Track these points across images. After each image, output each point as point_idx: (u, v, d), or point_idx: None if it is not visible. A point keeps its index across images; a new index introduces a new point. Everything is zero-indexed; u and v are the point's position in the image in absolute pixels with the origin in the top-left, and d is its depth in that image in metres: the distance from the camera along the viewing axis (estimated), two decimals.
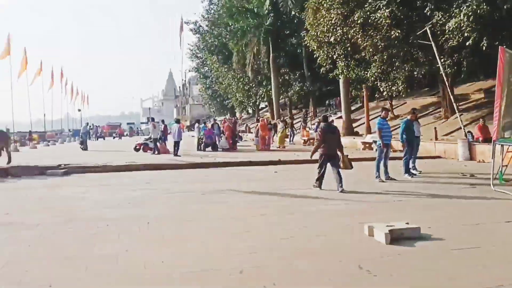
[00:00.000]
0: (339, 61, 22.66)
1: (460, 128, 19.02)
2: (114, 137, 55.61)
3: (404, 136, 11.53)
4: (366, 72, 24.41)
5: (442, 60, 18.16)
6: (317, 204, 8.09)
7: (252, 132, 29.00)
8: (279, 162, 16.45)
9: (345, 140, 24.83)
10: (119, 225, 6.74)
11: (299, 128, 30.01)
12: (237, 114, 57.70)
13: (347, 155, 10.01)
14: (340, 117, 31.90)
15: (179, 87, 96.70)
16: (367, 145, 21.50)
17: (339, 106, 35.32)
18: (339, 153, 9.77)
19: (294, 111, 42.98)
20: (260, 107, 51.75)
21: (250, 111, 57.27)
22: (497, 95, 8.82)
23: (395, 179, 11.00)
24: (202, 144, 22.24)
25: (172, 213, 7.67)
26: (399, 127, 12.40)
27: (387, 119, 11.03)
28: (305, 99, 38.63)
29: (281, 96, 37.10)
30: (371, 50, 19.59)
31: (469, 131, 16.22)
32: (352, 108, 30.11)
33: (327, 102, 38.25)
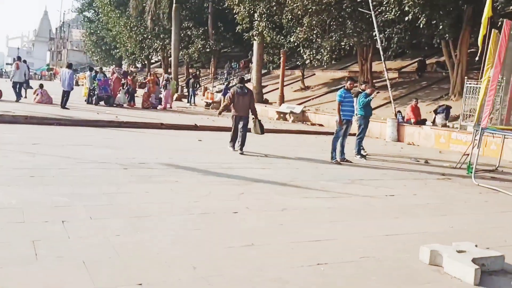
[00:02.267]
0: (260, 21, 20.59)
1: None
2: None
3: (362, 111, 9.99)
4: (284, 38, 22.81)
5: (373, 33, 17.14)
6: (294, 194, 6.11)
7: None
8: (195, 128, 14.06)
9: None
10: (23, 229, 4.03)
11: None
12: (124, 66, 52.55)
13: (260, 120, 10.19)
14: (248, 81, 30.17)
15: (56, 28, 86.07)
16: (282, 115, 20.02)
17: (243, 70, 33.47)
18: (252, 116, 9.94)
19: (190, 70, 39.99)
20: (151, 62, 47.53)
21: (139, 64, 52.65)
22: (494, 77, 7.58)
23: (350, 161, 9.47)
24: (94, 97, 18.65)
25: (110, 201, 5.08)
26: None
27: (351, 90, 9.30)
28: (206, 58, 35.87)
29: (180, 53, 33.84)
30: (299, 12, 17.82)
31: (398, 111, 15.48)
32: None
33: (227, 64, 36.00)
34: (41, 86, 17.16)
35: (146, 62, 45.66)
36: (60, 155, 7.66)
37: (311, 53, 19.42)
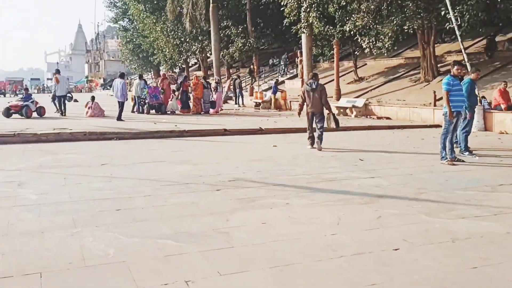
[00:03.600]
0: (310, 11, 19.24)
1: None
2: (16, 94, 48.13)
3: (467, 102, 8.53)
4: (333, 28, 21.38)
5: (441, 13, 15.50)
6: (441, 213, 4.82)
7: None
8: (261, 131, 12.92)
9: None
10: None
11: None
12: (162, 72, 52.19)
13: (334, 114, 10.20)
14: (294, 77, 28.89)
15: (91, 40, 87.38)
16: (342, 110, 18.63)
17: (288, 66, 32.18)
18: (326, 111, 9.70)
19: (230, 70, 39.02)
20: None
21: (177, 70, 52.18)
22: None
23: (463, 161, 8.06)
24: (145, 106, 17.80)
25: (227, 242, 3.96)
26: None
27: (459, 77, 7.88)
28: (247, 57, 34.76)
29: (221, 53, 32.87)
30: None
31: (483, 97, 13.80)
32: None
33: (271, 61, 34.82)
34: (92, 98, 16.42)
35: (184, 66, 45.03)
36: (137, 177, 6.65)
37: (370, 40, 17.89)
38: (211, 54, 39.60)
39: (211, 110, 19.34)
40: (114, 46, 73.20)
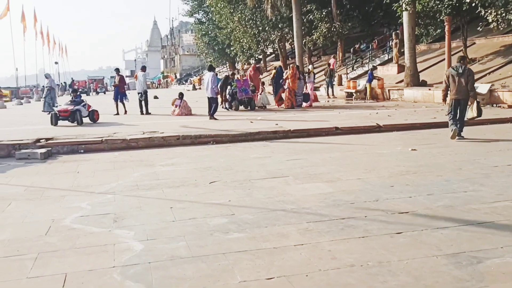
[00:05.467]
0: None
1: None
2: (98, 93, 49.42)
3: None
4: (439, 2, 18.48)
5: None
6: None
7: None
8: (378, 128, 10.76)
9: (416, 93, 19.16)
10: None
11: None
12: (238, 65, 51.05)
13: (479, 102, 9.34)
14: (386, 63, 26.13)
15: (166, 35, 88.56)
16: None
17: (377, 50, 29.38)
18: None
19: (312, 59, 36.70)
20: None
21: (252, 61, 50.69)
22: None
23: None
24: (234, 102, 16.16)
25: None
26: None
27: None
28: (332, 43, 32.24)
29: (304, 40, 30.69)
30: None
31: None
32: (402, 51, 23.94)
33: (355, 46, 32.08)
34: (180, 96, 15.00)
35: (262, 56, 43.40)
36: (265, 205, 4.85)
37: (498, 12, 14.89)
38: (291, 42, 37.69)
39: (304, 104, 17.35)
40: (188, 41, 73.33)
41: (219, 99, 15.07)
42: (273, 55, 47.52)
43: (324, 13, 29.93)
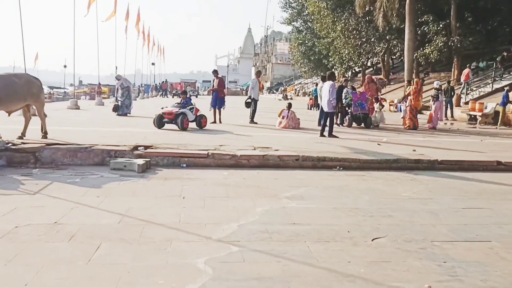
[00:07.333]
0: None
1: None
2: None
3: None
4: None
5: None
6: None
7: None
8: None
9: None
10: None
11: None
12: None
13: None
14: None
15: (259, 43, 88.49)
16: None
17: (502, 70, 25.76)
18: None
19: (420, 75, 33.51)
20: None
21: (349, 73, 48.14)
22: None
23: None
24: (348, 117, 14.09)
25: None
26: None
27: None
28: (446, 58, 28.97)
29: (415, 54, 27.84)
30: None
31: None
32: None
33: (474, 64, 28.57)
34: (289, 106, 13.29)
35: (361, 69, 40.90)
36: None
37: None
38: (398, 55, 34.82)
39: (428, 125, 14.86)
40: (282, 49, 72.28)
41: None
42: (371, 68, 44.72)
43: (441, 25, 26.95)
